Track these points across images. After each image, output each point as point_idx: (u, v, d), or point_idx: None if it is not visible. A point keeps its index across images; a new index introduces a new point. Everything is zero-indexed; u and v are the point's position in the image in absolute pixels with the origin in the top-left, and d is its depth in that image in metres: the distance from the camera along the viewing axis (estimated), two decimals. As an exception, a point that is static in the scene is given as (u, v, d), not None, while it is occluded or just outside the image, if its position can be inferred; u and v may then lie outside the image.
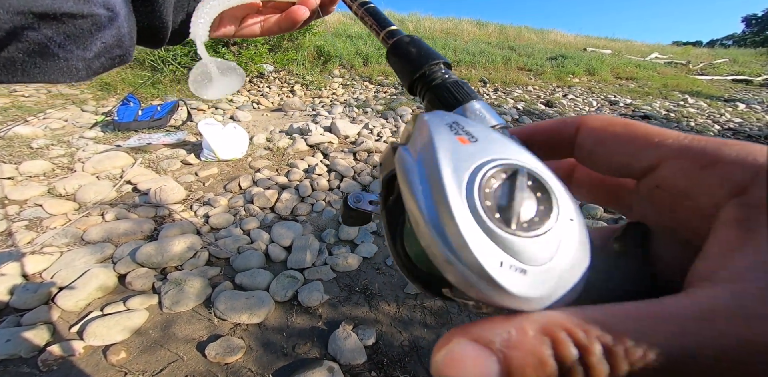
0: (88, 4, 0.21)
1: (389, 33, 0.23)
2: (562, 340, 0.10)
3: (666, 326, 0.09)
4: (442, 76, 0.22)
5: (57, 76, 0.23)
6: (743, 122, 4.39)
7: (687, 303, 0.10)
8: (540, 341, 0.10)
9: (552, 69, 6.68)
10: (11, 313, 1.24)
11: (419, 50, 0.21)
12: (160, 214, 1.83)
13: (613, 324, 0.09)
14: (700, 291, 0.10)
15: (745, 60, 11.10)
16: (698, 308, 0.09)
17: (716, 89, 6.90)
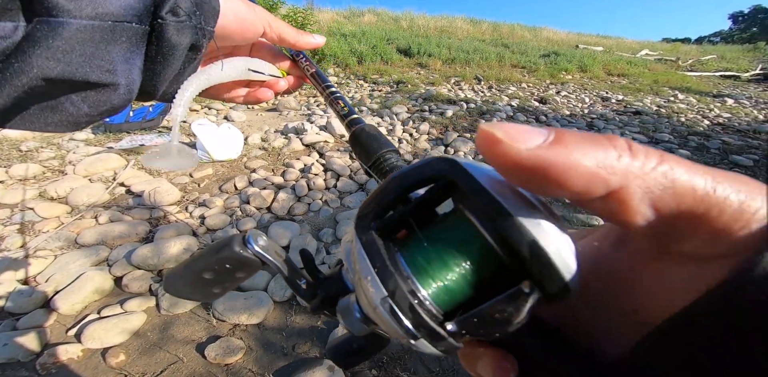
0: (113, 74, 0.23)
1: (351, 121, 0.29)
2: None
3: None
4: (392, 163, 0.28)
5: (57, 128, 0.24)
6: (732, 117, 4.47)
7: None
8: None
9: (545, 66, 6.73)
10: (7, 317, 1.23)
11: (374, 140, 0.27)
12: (155, 216, 1.82)
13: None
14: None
15: (732, 56, 11.29)
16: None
17: (705, 85, 7.02)
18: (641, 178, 0.11)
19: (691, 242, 0.11)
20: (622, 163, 0.11)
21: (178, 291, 0.22)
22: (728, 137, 3.50)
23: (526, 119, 3.70)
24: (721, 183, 0.11)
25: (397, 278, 0.14)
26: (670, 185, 0.11)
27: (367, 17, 9.19)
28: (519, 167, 0.11)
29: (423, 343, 0.14)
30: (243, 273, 0.22)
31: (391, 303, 0.14)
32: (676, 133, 3.62)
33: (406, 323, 0.14)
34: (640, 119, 4.13)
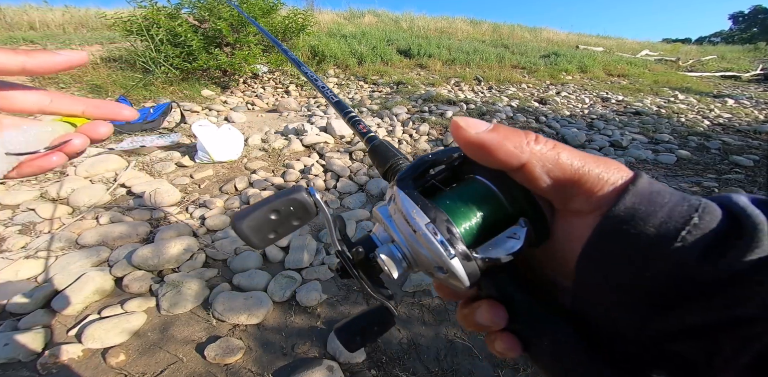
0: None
1: (369, 138, 0.34)
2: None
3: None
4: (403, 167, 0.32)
5: None
6: (732, 117, 4.47)
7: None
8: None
9: (545, 67, 6.73)
10: (8, 318, 1.23)
11: (388, 151, 0.32)
12: (155, 217, 1.82)
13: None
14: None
15: (733, 57, 11.28)
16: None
17: (705, 85, 7.01)
18: (539, 156, 0.18)
19: (576, 202, 0.18)
20: (529, 146, 0.18)
21: (243, 228, 0.24)
22: (728, 137, 3.50)
23: (526, 120, 3.70)
24: (589, 162, 0.18)
25: (435, 210, 0.20)
26: (556, 161, 0.18)
27: (367, 18, 9.21)
28: (469, 144, 0.19)
29: (456, 262, 0.19)
30: (299, 220, 0.26)
31: (433, 226, 0.19)
32: (677, 133, 3.61)
33: (445, 242, 0.19)
34: (640, 119, 4.13)
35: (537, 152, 0.18)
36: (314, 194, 0.26)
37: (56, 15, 7.00)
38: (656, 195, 0.17)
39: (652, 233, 0.16)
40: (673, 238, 0.15)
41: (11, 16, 6.60)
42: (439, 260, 0.19)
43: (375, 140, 0.34)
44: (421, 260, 0.21)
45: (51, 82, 3.91)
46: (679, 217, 0.16)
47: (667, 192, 0.17)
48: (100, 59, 4.58)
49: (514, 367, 1.16)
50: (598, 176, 0.18)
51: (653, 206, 0.16)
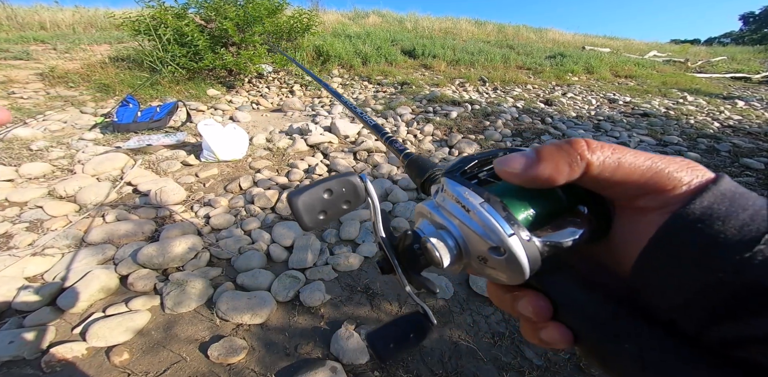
0: None
1: (405, 155, 0.36)
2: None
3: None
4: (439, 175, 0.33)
5: None
6: (742, 119, 4.40)
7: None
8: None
9: (551, 68, 6.68)
10: (13, 315, 1.24)
11: (425, 163, 0.33)
12: (160, 215, 1.83)
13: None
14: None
15: (743, 58, 11.12)
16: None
17: (715, 87, 6.91)
18: (597, 164, 0.18)
19: (643, 199, 0.18)
20: (584, 159, 0.18)
21: (299, 203, 0.24)
22: (739, 139, 3.44)
23: (532, 121, 3.67)
24: (659, 161, 0.17)
25: (488, 193, 0.19)
26: (618, 166, 0.18)
27: (371, 18, 9.22)
28: (526, 182, 0.19)
29: (516, 241, 0.18)
30: (347, 204, 0.26)
31: (488, 204, 0.19)
32: (686, 135, 3.56)
33: (501, 219, 0.18)
34: (648, 121, 4.08)
35: (595, 161, 0.18)
36: (366, 180, 0.26)
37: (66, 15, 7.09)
38: (740, 197, 0.16)
39: (731, 235, 0.14)
40: (754, 241, 0.14)
41: (22, 17, 6.70)
42: (496, 238, 0.18)
43: (411, 155, 0.35)
44: (473, 244, 0.20)
45: (61, 82, 3.96)
46: (763, 220, 0.15)
47: (753, 196, 0.16)
48: (108, 59, 4.63)
49: (520, 370, 1.14)
50: (670, 174, 0.17)
51: (735, 207, 0.15)
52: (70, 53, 5.04)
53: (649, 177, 0.17)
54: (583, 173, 0.18)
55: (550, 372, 1.14)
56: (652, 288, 0.17)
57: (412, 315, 0.25)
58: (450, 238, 0.21)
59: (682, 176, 0.17)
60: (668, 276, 0.16)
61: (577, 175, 0.18)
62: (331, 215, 0.25)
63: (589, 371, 1.15)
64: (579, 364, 1.17)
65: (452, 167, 0.22)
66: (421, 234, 0.22)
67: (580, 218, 0.19)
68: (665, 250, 0.16)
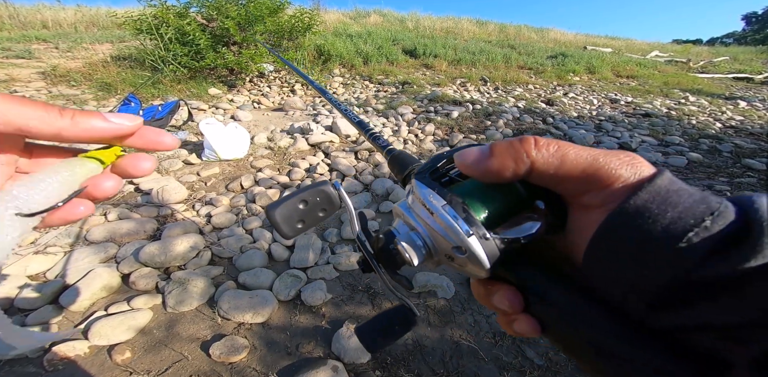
0: None
1: (388, 151, 0.36)
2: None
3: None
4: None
5: None
6: (744, 119, 4.39)
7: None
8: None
9: (552, 67, 6.67)
10: (16, 313, 1.25)
11: (406, 159, 0.34)
12: (162, 214, 1.83)
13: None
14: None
15: (745, 58, 11.08)
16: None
17: (717, 87, 6.89)
18: (542, 162, 0.19)
19: (587, 197, 0.19)
20: (530, 156, 0.19)
21: (276, 215, 0.26)
22: (741, 140, 3.43)
23: (533, 121, 3.67)
24: (601, 158, 0.18)
25: (451, 194, 0.21)
26: (562, 162, 0.18)
27: (372, 18, 9.21)
28: (478, 175, 0.21)
29: (474, 241, 0.19)
30: (324, 212, 0.28)
31: (449, 206, 0.20)
32: (687, 136, 3.55)
33: (461, 220, 0.19)
34: (650, 121, 4.07)
35: (539, 158, 0.19)
36: (339, 188, 0.28)
37: (68, 14, 7.10)
38: (673, 194, 0.16)
39: (658, 232, 0.16)
40: (678, 238, 0.15)
41: (24, 15, 6.71)
42: (456, 238, 0.20)
43: (393, 151, 0.36)
44: (439, 244, 0.22)
45: (62, 80, 3.97)
46: (691, 218, 0.15)
47: (688, 193, 0.16)
48: (110, 58, 4.64)
49: (521, 370, 1.14)
50: (610, 171, 0.18)
51: (666, 205, 0.16)
52: (72, 52, 5.04)
53: (589, 174, 0.18)
54: (529, 169, 0.19)
55: (551, 372, 1.14)
56: (598, 281, 0.18)
57: (397, 308, 0.26)
58: (419, 238, 0.23)
59: (621, 173, 0.17)
60: (609, 270, 0.17)
61: (522, 171, 0.19)
62: (309, 223, 0.28)
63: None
64: (580, 364, 1.17)
65: (423, 167, 0.23)
66: (396, 234, 0.24)
67: (538, 214, 0.21)
68: (605, 246, 0.17)
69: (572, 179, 0.18)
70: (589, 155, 0.18)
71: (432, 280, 1.45)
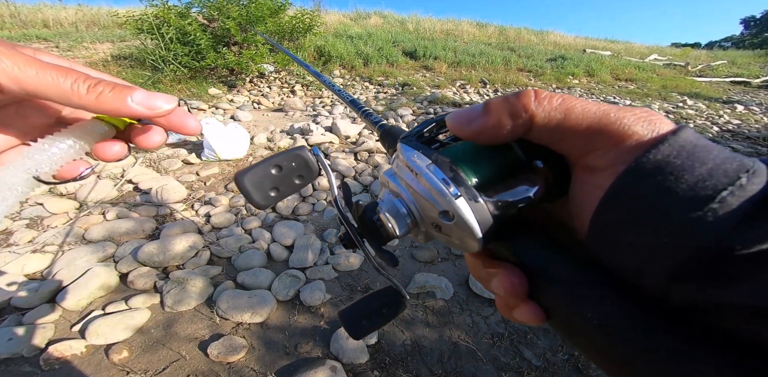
0: None
1: (380, 126, 0.34)
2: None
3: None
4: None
5: None
6: (742, 123, 4.41)
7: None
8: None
9: (552, 70, 6.70)
10: (12, 312, 1.24)
11: (395, 133, 0.32)
12: (161, 213, 1.83)
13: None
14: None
15: (743, 62, 11.15)
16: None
17: (715, 91, 6.93)
18: (543, 116, 0.16)
19: (591, 157, 0.17)
20: (529, 111, 0.17)
21: (245, 182, 0.23)
22: (738, 143, 3.45)
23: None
24: (611, 112, 0.16)
25: (437, 154, 0.19)
26: (566, 116, 0.16)
27: (373, 19, 9.24)
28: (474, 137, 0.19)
29: (462, 203, 0.17)
30: (300, 179, 0.24)
31: (435, 166, 0.18)
32: (685, 138, 3.58)
33: (448, 180, 0.17)
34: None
35: (539, 113, 0.16)
36: (318, 153, 0.25)
37: (69, 13, 7.10)
38: (701, 149, 0.14)
39: (683, 191, 0.13)
40: (709, 199, 0.13)
41: (26, 15, 6.71)
42: (443, 201, 0.17)
43: (385, 126, 0.33)
44: (425, 210, 0.19)
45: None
46: (723, 175, 0.13)
47: (717, 148, 0.14)
48: (110, 57, 4.64)
49: (519, 371, 1.15)
50: (623, 127, 0.15)
51: (693, 160, 0.14)
52: (72, 51, 5.04)
53: (597, 130, 0.16)
54: (529, 125, 0.17)
55: (548, 373, 1.14)
56: (607, 253, 0.16)
57: (384, 290, 0.24)
58: (403, 206, 0.20)
59: (636, 130, 0.15)
60: (620, 240, 0.15)
61: (521, 128, 0.17)
62: (284, 191, 0.24)
63: (587, 372, 1.15)
64: (577, 365, 1.17)
65: (410, 132, 0.22)
66: (380, 203, 0.22)
67: (536, 175, 0.18)
68: (617, 210, 0.15)
69: (576, 136, 0.16)
70: (598, 109, 0.16)
71: (431, 281, 1.45)
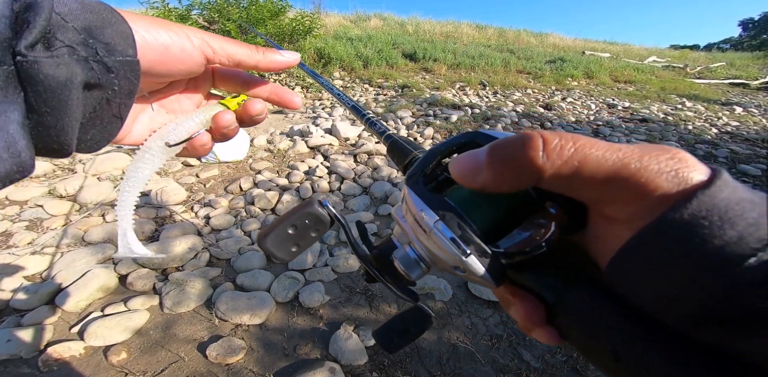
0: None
1: (386, 137, 0.34)
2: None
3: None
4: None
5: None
6: (740, 125, 4.43)
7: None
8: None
9: (551, 72, 6.72)
10: (11, 313, 1.24)
11: (408, 145, 0.32)
12: (161, 215, 1.83)
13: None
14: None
15: (742, 64, 11.20)
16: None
17: (714, 93, 6.96)
18: (555, 169, 0.15)
19: (610, 208, 0.15)
20: (538, 162, 0.15)
21: (268, 245, 0.26)
22: (736, 145, 3.46)
23: (531, 125, 3.70)
24: (634, 158, 0.14)
25: (444, 211, 0.19)
26: (581, 167, 0.14)
27: (373, 22, 9.28)
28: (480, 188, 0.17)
29: (473, 260, 0.17)
30: (316, 232, 0.27)
31: (442, 223, 0.18)
32: (684, 141, 3.58)
33: (456, 239, 0.18)
34: (647, 126, 4.10)
35: (548, 168, 0.15)
36: (327, 206, 0.27)
37: (69, 15, 7.12)
38: (734, 208, 0.12)
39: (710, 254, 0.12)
40: (738, 262, 0.12)
41: (25, 16, 6.72)
42: (453, 259, 0.18)
43: (392, 137, 0.33)
44: (437, 261, 0.20)
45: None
46: (755, 240, 0.12)
47: (750, 202, 0.13)
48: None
49: (517, 372, 1.15)
50: (644, 179, 0.14)
51: (723, 222, 0.12)
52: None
53: (616, 182, 0.14)
54: (537, 178, 0.15)
55: (547, 375, 1.15)
56: (625, 290, 0.15)
57: (411, 310, 0.26)
58: (415, 253, 0.21)
59: (660, 183, 0.13)
60: (638, 289, 0.14)
61: (528, 181, 0.16)
62: (304, 245, 0.27)
63: (585, 373, 1.15)
64: (576, 366, 1.17)
65: (414, 170, 0.21)
66: (397, 245, 0.24)
67: (550, 219, 0.18)
68: (633, 264, 0.14)
69: (593, 187, 0.15)
70: (617, 158, 0.14)
71: (429, 283, 1.45)
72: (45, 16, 0.17)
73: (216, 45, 0.26)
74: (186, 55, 0.24)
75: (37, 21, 0.17)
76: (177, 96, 0.30)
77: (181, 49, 0.24)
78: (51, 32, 0.18)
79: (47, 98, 0.18)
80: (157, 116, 0.29)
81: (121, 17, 0.21)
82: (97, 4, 0.20)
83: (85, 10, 0.19)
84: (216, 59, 0.26)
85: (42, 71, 0.18)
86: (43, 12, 0.17)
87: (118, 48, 0.20)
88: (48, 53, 0.18)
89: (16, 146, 0.18)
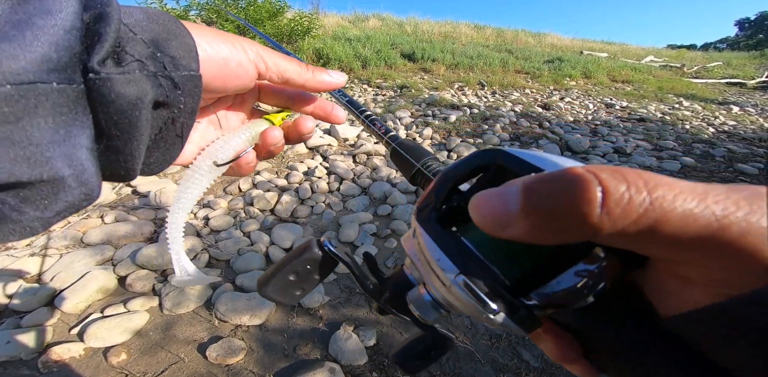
0: (46, 166, 0.15)
1: (390, 137, 0.31)
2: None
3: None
4: (434, 168, 0.28)
5: (11, 238, 0.17)
6: (737, 124, 4.45)
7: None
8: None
9: (549, 72, 6.74)
10: (11, 315, 1.24)
11: (414, 151, 0.28)
12: (160, 216, 1.83)
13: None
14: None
15: (738, 63, 11.25)
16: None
17: (711, 92, 6.99)
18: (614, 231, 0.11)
19: (690, 270, 0.12)
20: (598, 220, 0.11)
21: (269, 294, 0.25)
22: (733, 144, 3.48)
23: (530, 125, 3.71)
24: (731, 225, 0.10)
25: (466, 257, 0.16)
26: (654, 224, 0.10)
27: (371, 22, 9.29)
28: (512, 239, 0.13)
29: (502, 318, 0.15)
30: (319, 274, 0.25)
31: (465, 279, 0.15)
32: (681, 140, 3.60)
33: (482, 296, 0.15)
34: (645, 126, 4.12)
35: (609, 227, 0.11)
36: (328, 246, 0.25)
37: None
38: None
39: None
40: None
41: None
42: (479, 316, 0.15)
43: (397, 139, 0.30)
44: (458, 309, 0.18)
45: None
46: None
47: None
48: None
49: (517, 372, 1.15)
50: (750, 246, 0.10)
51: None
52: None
53: (709, 247, 0.10)
54: (591, 235, 0.11)
55: (546, 374, 1.15)
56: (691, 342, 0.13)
57: (429, 334, 0.25)
58: (430, 296, 0.19)
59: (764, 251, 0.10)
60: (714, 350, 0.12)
61: (577, 238, 0.12)
62: (308, 288, 0.26)
63: (585, 373, 1.15)
64: (575, 366, 1.18)
65: (425, 203, 0.18)
66: (413, 281, 0.21)
67: (601, 266, 0.14)
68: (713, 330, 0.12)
69: (670, 248, 0.11)
70: (712, 215, 0.10)
71: (429, 282, 1.46)
72: (115, 27, 0.16)
73: (270, 60, 0.24)
74: (242, 70, 0.23)
75: (108, 33, 0.16)
76: (224, 112, 0.29)
77: (238, 63, 0.22)
78: (120, 45, 0.17)
79: (118, 120, 0.17)
80: (206, 134, 0.28)
81: (185, 29, 0.20)
82: (161, 14, 0.19)
83: (151, 21, 0.18)
84: (267, 75, 0.25)
85: (114, 90, 0.16)
86: (113, 22, 0.16)
87: (182, 62, 0.19)
88: (119, 69, 0.16)
89: (85, 174, 0.17)
